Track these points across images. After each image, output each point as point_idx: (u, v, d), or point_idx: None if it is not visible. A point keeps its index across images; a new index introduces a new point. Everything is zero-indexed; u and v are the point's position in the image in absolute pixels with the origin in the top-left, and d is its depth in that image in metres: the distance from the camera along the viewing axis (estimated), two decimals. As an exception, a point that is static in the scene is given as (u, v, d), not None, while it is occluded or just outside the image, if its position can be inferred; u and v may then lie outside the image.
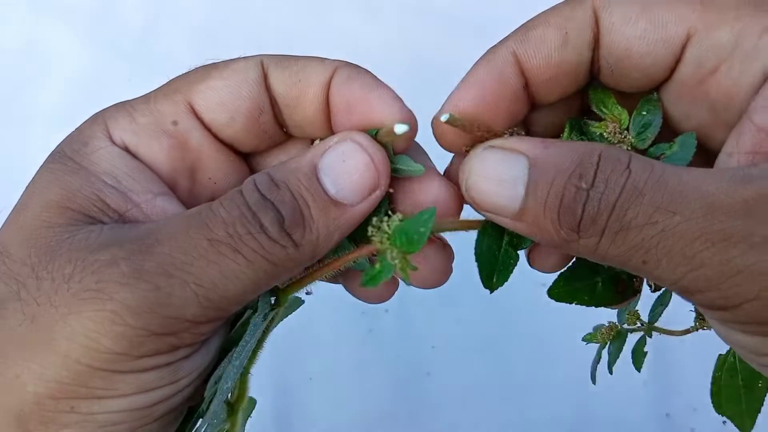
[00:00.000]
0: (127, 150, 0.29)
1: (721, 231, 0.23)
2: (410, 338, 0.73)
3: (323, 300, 0.39)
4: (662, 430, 0.67)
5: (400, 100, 0.30)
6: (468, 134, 0.30)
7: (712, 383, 0.37)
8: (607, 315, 0.38)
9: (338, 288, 0.38)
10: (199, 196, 0.31)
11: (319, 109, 0.31)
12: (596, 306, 0.33)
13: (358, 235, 0.32)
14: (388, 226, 0.29)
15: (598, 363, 0.46)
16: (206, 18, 0.86)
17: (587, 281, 0.32)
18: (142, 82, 0.91)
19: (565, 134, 0.33)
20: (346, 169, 0.28)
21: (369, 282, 0.28)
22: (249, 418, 0.39)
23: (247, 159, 0.33)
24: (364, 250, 0.30)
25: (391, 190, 0.31)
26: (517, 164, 0.27)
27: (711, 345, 0.38)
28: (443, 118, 0.29)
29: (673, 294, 0.42)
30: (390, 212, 0.30)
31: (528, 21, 0.31)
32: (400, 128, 0.29)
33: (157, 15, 0.86)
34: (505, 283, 0.32)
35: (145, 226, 0.27)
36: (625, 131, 0.32)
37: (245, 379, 0.32)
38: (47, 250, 0.26)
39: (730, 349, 0.37)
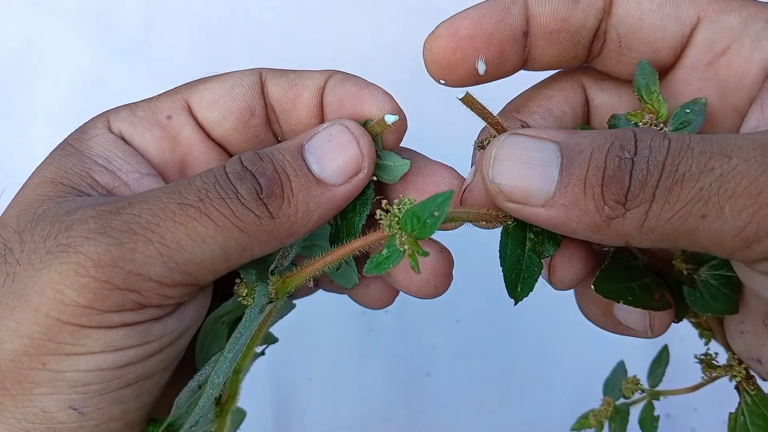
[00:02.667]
0: (122, 138, 0.31)
1: None
2: (410, 338, 0.73)
3: (323, 300, 0.39)
4: (662, 430, 0.67)
5: (390, 95, 0.31)
6: (480, 117, 0.29)
7: None
8: (605, 335, 0.37)
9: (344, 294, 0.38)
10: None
11: (314, 112, 0.32)
12: (641, 307, 0.32)
13: (339, 239, 0.31)
14: (399, 209, 0.27)
15: None
16: (206, 18, 0.86)
17: (626, 284, 0.31)
18: (142, 83, 0.91)
19: None
20: (331, 149, 0.29)
21: (374, 269, 0.27)
22: (244, 421, 0.38)
23: None
24: (372, 237, 0.29)
25: (375, 179, 0.31)
26: (548, 148, 0.26)
27: (711, 345, 0.38)
28: (460, 95, 0.28)
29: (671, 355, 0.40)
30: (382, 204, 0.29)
31: None
32: (390, 118, 0.29)
33: (157, 15, 0.86)
34: (500, 283, 0.31)
35: (124, 195, 0.29)
36: (662, 124, 0.31)
37: (237, 379, 0.31)
38: (34, 217, 0.27)
39: (739, 406, 0.36)
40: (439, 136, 0.33)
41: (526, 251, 0.30)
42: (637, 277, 0.32)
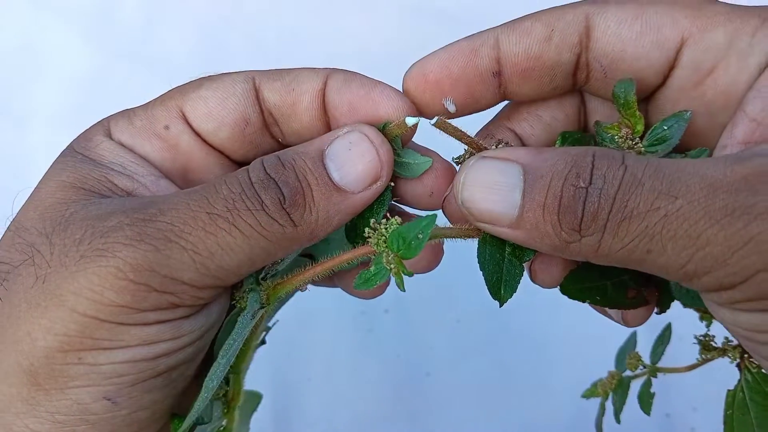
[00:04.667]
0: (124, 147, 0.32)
1: (724, 207, 0.23)
2: (410, 338, 0.73)
3: (323, 300, 0.39)
4: (662, 430, 0.67)
5: (401, 94, 0.31)
6: (455, 138, 0.30)
7: (725, 422, 0.36)
8: (613, 327, 0.38)
9: (338, 288, 0.38)
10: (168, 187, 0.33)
11: (315, 115, 0.32)
12: (609, 307, 0.33)
13: (354, 237, 0.32)
14: (386, 229, 0.29)
15: (603, 416, 0.44)
16: (206, 18, 0.86)
17: (597, 283, 0.31)
18: (142, 82, 0.91)
19: (557, 145, 0.33)
20: (351, 157, 0.30)
21: (363, 285, 0.29)
22: (254, 413, 0.39)
23: (240, 164, 0.35)
24: (359, 251, 0.30)
25: (392, 184, 0.31)
26: (512, 171, 0.27)
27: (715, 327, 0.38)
28: (432, 121, 0.30)
29: (673, 333, 0.41)
30: (388, 215, 0.30)
31: (523, 16, 0.31)
32: (411, 120, 0.30)
33: (157, 15, 0.86)
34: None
35: (149, 197, 0.29)
36: (638, 138, 0.31)
37: (238, 379, 0.32)
38: (61, 220, 0.28)
39: (738, 383, 0.36)
40: (438, 133, 0.33)
41: (506, 256, 0.30)
42: (613, 275, 0.32)
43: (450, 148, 0.33)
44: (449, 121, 0.30)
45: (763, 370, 0.35)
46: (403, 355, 0.72)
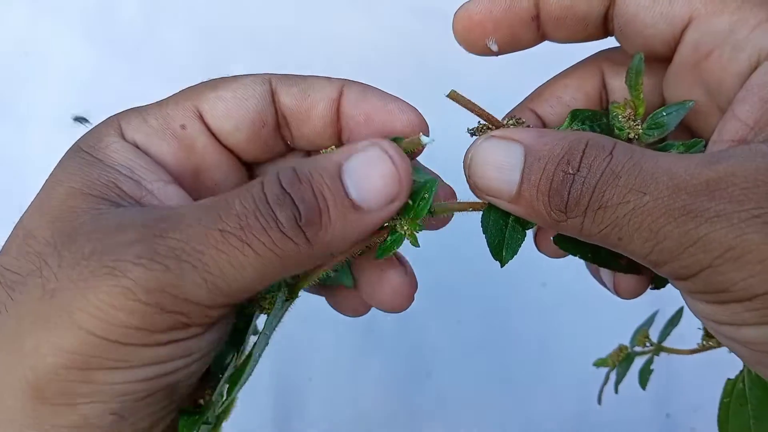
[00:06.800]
0: (137, 147, 0.32)
1: (682, 207, 0.26)
2: (410, 338, 0.73)
3: (323, 300, 0.39)
4: (662, 430, 0.67)
5: (418, 111, 0.32)
6: (468, 110, 0.32)
7: (720, 408, 0.36)
8: (614, 327, 0.38)
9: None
10: (200, 196, 0.33)
11: (328, 122, 0.33)
12: (601, 265, 0.34)
13: None
14: None
15: (605, 384, 0.47)
16: (206, 18, 0.86)
17: (591, 245, 0.32)
18: (142, 82, 0.91)
19: (566, 123, 0.34)
20: (371, 176, 0.29)
21: (384, 252, 0.31)
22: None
23: (248, 166, 0.35)
24: (373, 238, 0.31)
25: (410, 202, 0.31)
26: (514, 151, 0.29)
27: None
28: (446, 93, 0.31)
29: (684, 314, 0.42)
30: None
31: None
32: (426, 139, 0.31)
33: (157, 15, 0.86)
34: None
35: (159, 209, 0.29)
36: (639, 120, 0.33)
37: (233, 390, 0.32)
38: (70, 231, 0.27)
39: (740, 374, 0.37)
40: (439, 134, 0.33)
41: (510, 222, 0.32)
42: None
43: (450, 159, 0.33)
44: (461, 94, 0.32)
45: None
46: (404, 355, 0.72)
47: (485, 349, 0.72)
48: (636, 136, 0.33)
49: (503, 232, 0.32)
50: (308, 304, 0.41)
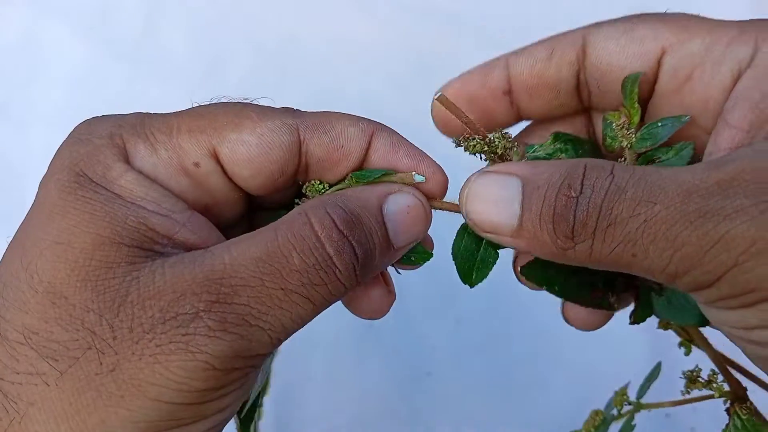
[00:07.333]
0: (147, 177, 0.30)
1: (697, 210, 0.25)
2: (410, 338, 0.73)
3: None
4: (662, 430, 0.67)
5: (443, 170, 0.33)
6: (455, 116, 0.32)
7: None
8: (614, 326, 0.38)
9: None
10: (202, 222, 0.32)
11: (352, 169, 0.33)
12: (566, 299, 0.33)
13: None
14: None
15: None
16: (206, 18, 0.86)
17: (564, 274, 0.32)
18: (142, 82, 0.91)
19: (549, 142, 0.34)
20: (407, 222, 0.31)
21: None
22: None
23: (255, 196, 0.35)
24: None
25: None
26: (511, 185, 0.29)
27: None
28: (436, 95, 0.32)
29: (662, 367, 0.41)
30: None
31: None
32: (419, 178, 0.32)
33: (157, 15, 0.86)
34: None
35: (209, 263, 0.27)
36: (632, 130, 0.33)
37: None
38: (114, 296, 0.26)
39: (726, 428, 0.36)
40: (439, 134, 0.34)
41: (483, 244, 0.32)
42: (586, 274, 0.32)
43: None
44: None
45: (753, 418, 0.35)
46: (403, 355, 0.73)
47: (485, 348, 0.72)
48: (629, 145, 0.32)
49: (475, 256, 0.32)
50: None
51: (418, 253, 0.33)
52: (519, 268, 0.33)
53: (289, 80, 0.83)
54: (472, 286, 0.32)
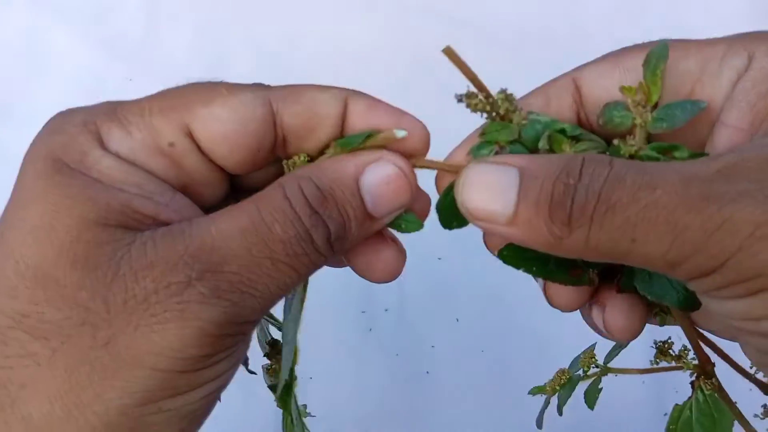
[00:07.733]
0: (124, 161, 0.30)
1: (700, 194, 0.25)
2: (410, 337, 0.73)
3: (323, 299, 0.39)
4: (662, 430, 0.67)
5: (425, 125, 0.33)
6: (460, 70, 0.31)
7: None
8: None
9: (338, 288, 0.38)
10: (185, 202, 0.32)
11: (331, 137, 0.32)
12: (544, 278, 0.33)
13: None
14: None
15: (546, 408, 0.45)
16: (206, 17, 0.86)
17: (541, 255, 0.31)
18: (142, 82, 0.91)
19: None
20: (387, 193, 0.31)
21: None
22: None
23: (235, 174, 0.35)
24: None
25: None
26: (508, 173, 0.29)
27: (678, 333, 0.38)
28: (442, 48, 0.31)
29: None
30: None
31: None
32: (401, 133, 0.31)
33: (157, 15, 0.86)
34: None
35: (197, 234, 0.28)
36: (649, 107, 0.31)
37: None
38: (106, 271, 0.27)
39: (688, 400, 0.36)
40: (439, 134, 0.34)
41: None
42: (566, 260, 0.32)
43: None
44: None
45: (715, 394, 0.35)
46: (403, 354, 0.73)
47: (484, 347, 0.72)
48: (643, 123, 0.31)
49: (457, 211, 0.31)
50: (308, 303, 0.41)
51: (408, 222, 0.33)
52: (497, 251, 0.32)
53: (289, 80, 0.83)
54: (450, 229, 0.32)
